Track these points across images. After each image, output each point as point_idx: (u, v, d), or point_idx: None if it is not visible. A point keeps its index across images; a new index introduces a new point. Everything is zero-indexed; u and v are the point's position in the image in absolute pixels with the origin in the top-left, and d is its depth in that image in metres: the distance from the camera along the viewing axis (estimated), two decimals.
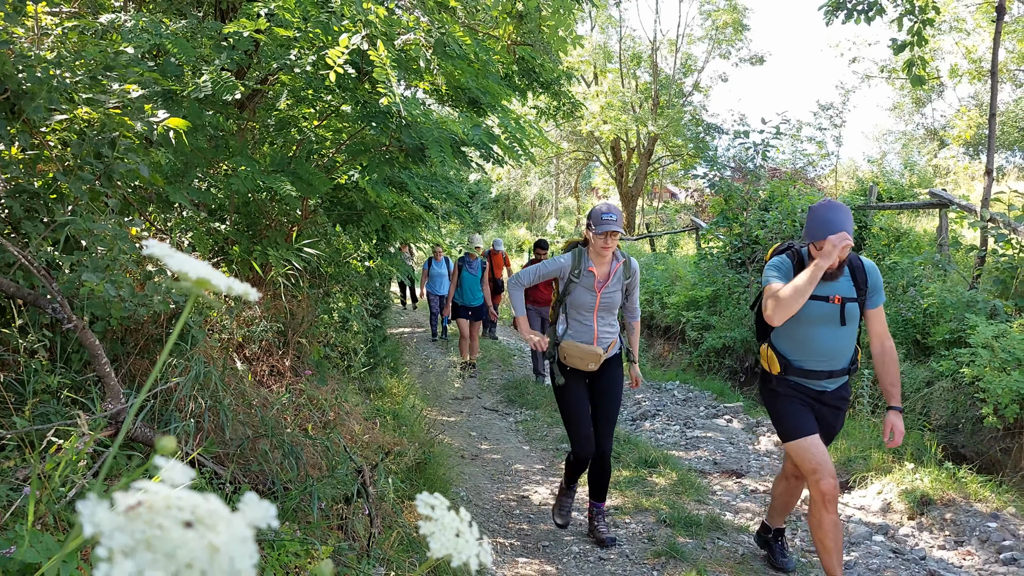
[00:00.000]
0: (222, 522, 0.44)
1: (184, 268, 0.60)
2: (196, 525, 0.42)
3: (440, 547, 0.63)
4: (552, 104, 8.20)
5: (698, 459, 6.58)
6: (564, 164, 25.69)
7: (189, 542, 0.41)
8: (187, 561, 0.40)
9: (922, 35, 7.35)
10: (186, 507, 0.43)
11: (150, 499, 0.43)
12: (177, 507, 0.43)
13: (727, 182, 11.00)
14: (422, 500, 0.66)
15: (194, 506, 0.44)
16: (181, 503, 0.44)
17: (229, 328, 4.40)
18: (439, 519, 0.66)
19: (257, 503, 0.47)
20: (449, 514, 0.67)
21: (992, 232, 6.64)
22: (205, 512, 0.44)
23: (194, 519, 0.43)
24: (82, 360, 3.16)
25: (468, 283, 10.36)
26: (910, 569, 4.34)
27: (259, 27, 3.68)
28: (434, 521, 0.65)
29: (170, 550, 0.40)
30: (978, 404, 5.44)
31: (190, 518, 0.43)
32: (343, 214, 5.51)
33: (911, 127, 26.72)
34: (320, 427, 4.40)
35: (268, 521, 0.46)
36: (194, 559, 0.40)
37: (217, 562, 0.41)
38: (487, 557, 0.66)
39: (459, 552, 0.65)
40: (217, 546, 0.41)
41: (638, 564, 4.34)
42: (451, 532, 0.66)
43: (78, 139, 3.25)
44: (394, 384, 7.57)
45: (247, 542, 0.43)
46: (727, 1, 20.24)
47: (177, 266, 0.60)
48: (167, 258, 0.60)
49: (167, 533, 0.41)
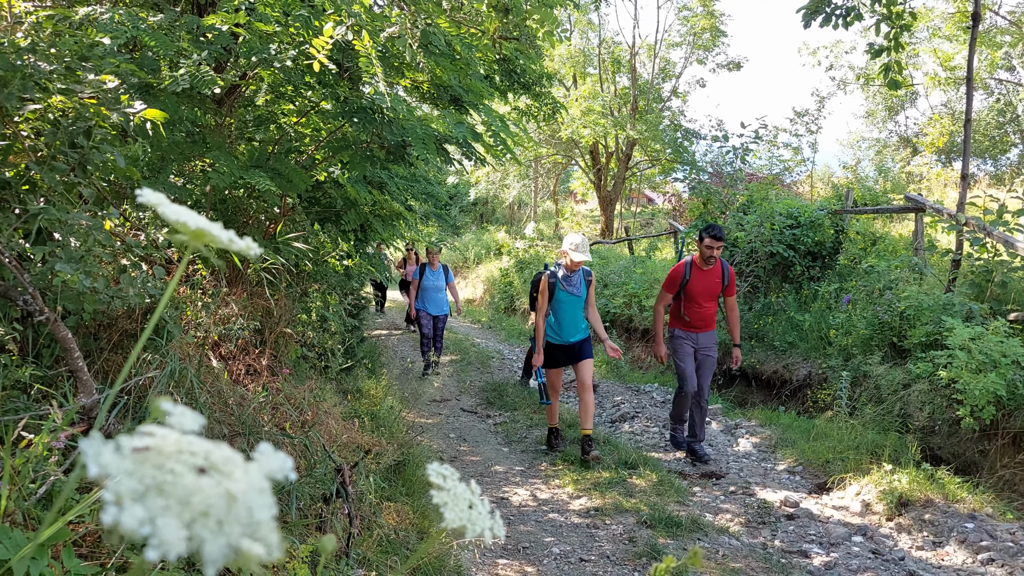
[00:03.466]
0: (238, 470, 0.40)
1: (181, 218, 0.56)
2: (210, 472, 0.39)
3: (454, 517, 0.60)
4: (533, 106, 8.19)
5: (677, 461, 6.58)
6: (543, 168, 25.71)
7: (204, 489, 0.37)
8: (203, 509, 0.36)
9: (899, 40, 7.44)
10: (199, 452, 0.39)
11: (159, 443, 0.39)
12: (189, 452, 0.39)
13: (706, 185, 11.05)
14: (433, 469, 0.63)
15: (207, 452, 0.40)
16: (193, 448, 0.40)
17: (205, 325, 4.32)
18: (451, 489, 0.62)
19: (273, 453, 0.43)
20: (461, 485, 0.64)
21: (967, 236, 6.71)
22: (220, 458, 0.40)
23: (207, 465, 0.39)
24: (53, 355, 3.08)
25: None
26: (889, 570, 4.35)
27: (238, 21, 3.63)
28: (446, 491, 0.62)
29: (184, 496, 0.36)
30: (955, 406, 5.48)
31: (203, 464, 0.39)
32: (322, 212, 5.45)
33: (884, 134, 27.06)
34: (298, 426, 4.33)
35: (285, 473, 0.43)
36: (210, 507, 0.36)
37: (234, 511, 0.37)
38: (500, 530, 0.63)
39: (473, 524, 0.61)
40: (235, 494, 0.38)
41: (619, 565, 4.32)
42: (464, 503, 0.62)
43: (52, 128, 3.17)
44: (372, 386, 7.49)
45: (265, 492, 0.40)
46: (704, 7, 20.37)
47: (174, 216, 0.56)
48: (161, 207, 0.56)
49: (179, 479, 0.37)
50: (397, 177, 5.46)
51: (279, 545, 0.38)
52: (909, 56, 18.17)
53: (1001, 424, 5.39)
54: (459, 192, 27.92)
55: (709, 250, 6.34)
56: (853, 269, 8.50)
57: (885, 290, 7.18)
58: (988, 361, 5.38)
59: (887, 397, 6.33)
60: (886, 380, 6.45)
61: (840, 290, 8.14)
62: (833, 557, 4.52)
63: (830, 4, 7.68)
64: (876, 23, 7.62)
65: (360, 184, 4.90)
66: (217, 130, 4.63)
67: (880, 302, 7.06)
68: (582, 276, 6.47)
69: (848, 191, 9.56)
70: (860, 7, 7.74)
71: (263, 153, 4.59)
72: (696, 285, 6.46)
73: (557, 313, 6.46)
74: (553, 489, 5.69)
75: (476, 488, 0.65)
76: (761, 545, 4.70)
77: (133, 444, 0.37)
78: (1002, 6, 19.28)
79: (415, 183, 5.78)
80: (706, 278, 6.47)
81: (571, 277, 6.41)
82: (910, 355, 6.39)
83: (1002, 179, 20.99)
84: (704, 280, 6.47)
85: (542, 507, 5.29)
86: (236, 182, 3.98)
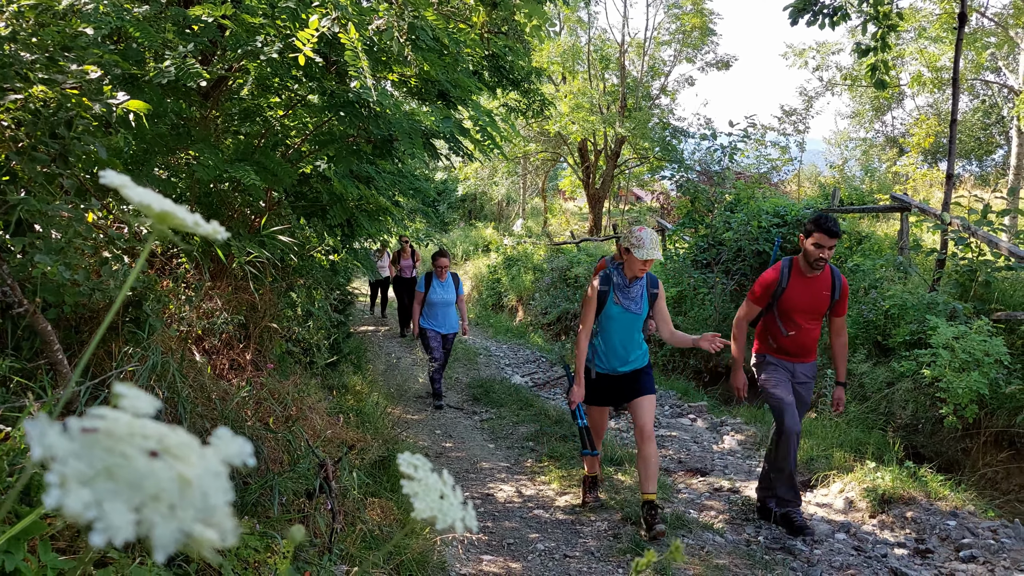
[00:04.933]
0: (193, 454, 0.39)
1: (146, 201, 0.55)
2: (163, 455, 0.37)
3: (425, 507, 0.59)
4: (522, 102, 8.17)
5: (663, 458, 6.59)
6: (532, 165, 25.70)
7: (156, 472, 0.36)
8: (154, 493, 0.35)
9: (886, 40, 7.47)
10: (152, 436, 0.38)
11: (110, 425, 0.38)
12: (142, 435, 0.38)
13: (693, 183, 11.08)
14: (404, 459, 0.62)
15: (161, 435, 0.39)
16: (146, 431, 0.39)
17: (188, 319, 4.29)
18: (422, 479, 0.61)
19: (231, 438, 0.42)
20: (433, 475, 0.63)
21: (952, 236, 6.76)
22: (174, 443, 0.39)
23: (161, 449, 0.38)
24: (33, 348, 3.04)
25: None
26: (872, 566, 4.37)
27: (224, 13, 3.60)
28: (417, 481, 0.61)
29: (134, 480, 0.35)
30: (938, 404, 5.52)
31: (156, 447, 0.38)
32: (308, 207, 5.42)
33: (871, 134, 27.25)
34: (282, 421, 4.31)
35: (244, 458, 0.41)
36: (161, 491, 0.35)
37: (188, 496, 0.36)
38: (473, 522, 0.62)
39: (444, 514, 0.60)
40: (189, 478, 0.36)
41: (603, 562, 4.32)
42: (435, 494, 0.61)
43: (32, 119, 3.13)
44: (357, 381, 7.47)
45: (221, 477, 0.38)
46: (694, 5, 20.41)
47: (138, 199, 0.55)
48: (126, 189, 0.55)
49: (131, 462, 0.36)
50: (384, 172, 5.44)
51: (234, 531, 0.37)
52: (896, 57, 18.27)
53: (983, 423, 5.43)
54: (447, 188, 27.88)
55: (819, 250, 4.59)
56: (839, 268, 8.53)
57: (870, 289, 7.23)
58: (971, 360, 5.42)
59: (871, 395, 6.37)
60: (870, 378, 6.49)
61: None
62: (816, 554, 4.54)
63: (817, 3, 7.70)
64: (863, 23, 7.66)
65: (347, 179, 4.88)
66: (203, 123, 4.59)
67: (865, 301, 7.09)
68: (645, 287, 4.78)
69: (835, 190, 9.60)
70: (847, 6, 7.77)
71: (249, 147, 4.56)
72: (795, 297, 4.77)
73: (604, 332, 4.84)
74: (538, 486, 5.68)
75: (449, 479, 0.64)
76: (745, 542, 4.71)
77: (82, 426, 0.36)
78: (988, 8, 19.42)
79: (402, 178, 5.75)
80: (810, 289, 4.76)
81: (631, 287, 4.73)
82: (894, 354, 6.43)
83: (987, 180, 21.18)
84: (807, 291, 4.76)
85: (527, 503, 5.29)
86: (221, 175, 3.95)
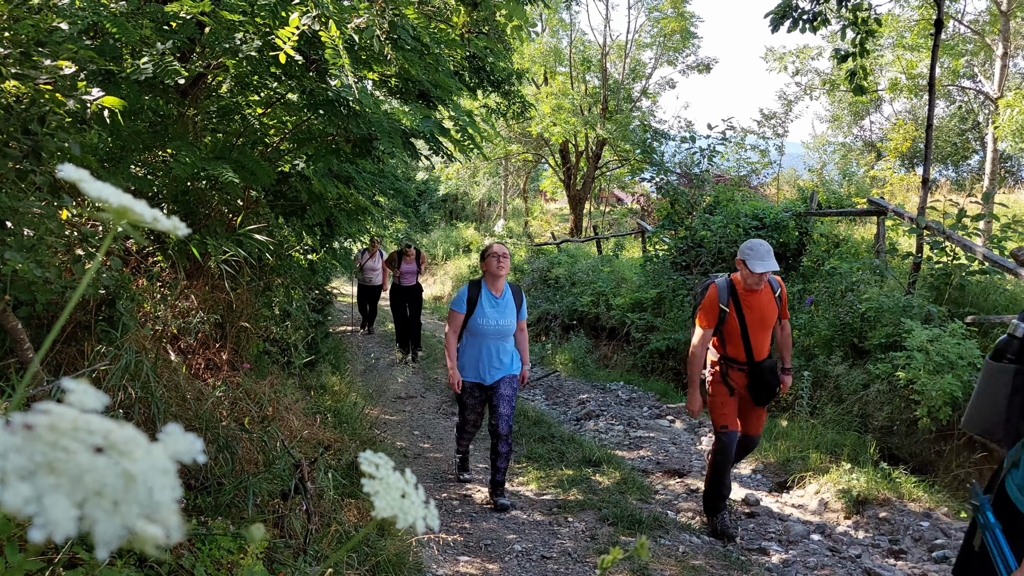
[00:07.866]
0: (140, 450, 0.38)
1: (103, 195, 0.54)
2: (108, 451, 0.37)
3: (385, 506, 0.59)
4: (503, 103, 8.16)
5: (641, 459, 6.61)
6: (513, 166, 25.72)
7: (99, 468, 0.35)
8: (96, 488, 0.35)
9: (864, 46, 7.55)
10: (97, 431, 0.38)
11: (54, 420, 0.37)
12: (86, 430, 0.37)
13: (673, 186, 11.13)
14: (365, 458, 0.61)
15: (107, 431, 0.38)
16: (91, 426, 0.38)
17: (163, 318, 4.25)
18: (383, 478, 0.61)
19: (181, 434, 0.41)
20: (394, 474, 0.63)
21: (928, 239, 6.83)
22: (120, 438, 0.38)
23: (106, 444, 0.37)
24: (4, 346, 3.00)
25: None
26: (846, 567, 4.41)
27: (203, 9, 3.57)
28: (378, 480, 0.61)
29: (76, 475, 0.35)
30: (913, 406, 5.57)
31: (101, 443, 0.37)
32: (287, 206, 5.39)
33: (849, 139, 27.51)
34: (257, 421, 4.28)
35: (193, 455, 0.41)
36: (104, 486, 0.35)
37: (133, 492, 0.35)
38: (434, 521, 0.62)
39: (405, 513, 0.60)
40: (133, 474, 0.36)
41: (580, 562, 4.33)
42: (396, 492, 0.61)
43: (4, 114, 3.09)
44: (335, 382, 7.43)
45: (169, 474, 0.38)
46: (675, 9, 20.51)
47: (96, 193, 0.54)
48: (83, 183, 0.54)
49: (73, 457, 0.35)
50: (365, 172, 5.41)
51: (179, 527, 0.36)
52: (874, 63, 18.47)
53: (957, 425, 5.49)
54: (428, 188, 27.83)
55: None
56: (816, 271, 8.60)
57: (847, 291, 7.29)
58: (945, 363, 5.48)
59: (847, 397, 6.42)
60: (846, 380, 6.54)
61: (803, 291, 8.23)
62: (791, 554, 4.57)
63: (797, 9, 7.77)
64: (842, 28, 7.73)
65: (326, 178, 4.86)
66: (180, 121, 4.55)
67: (842, 303, 7.15)
68: None
69: (813, 194, 9.68)
70: (827, 12, 7.85)
71: (227, 145, 4.53)
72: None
73: None
74: (516, 487, 5.68)
75: (411, 477, 0.64)
76: (721, 543, 4.74)
77: (24, 420, 0.36)
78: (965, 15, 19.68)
79: (383, 178, 5.73)
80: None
81: None
82: (870, 356, 6.48)
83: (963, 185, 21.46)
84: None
85: None
86: (198, 173, 3.92)
